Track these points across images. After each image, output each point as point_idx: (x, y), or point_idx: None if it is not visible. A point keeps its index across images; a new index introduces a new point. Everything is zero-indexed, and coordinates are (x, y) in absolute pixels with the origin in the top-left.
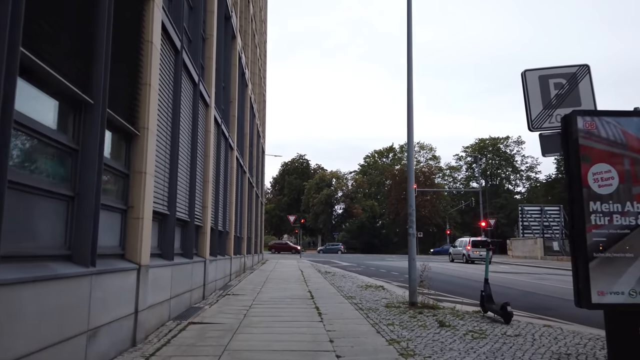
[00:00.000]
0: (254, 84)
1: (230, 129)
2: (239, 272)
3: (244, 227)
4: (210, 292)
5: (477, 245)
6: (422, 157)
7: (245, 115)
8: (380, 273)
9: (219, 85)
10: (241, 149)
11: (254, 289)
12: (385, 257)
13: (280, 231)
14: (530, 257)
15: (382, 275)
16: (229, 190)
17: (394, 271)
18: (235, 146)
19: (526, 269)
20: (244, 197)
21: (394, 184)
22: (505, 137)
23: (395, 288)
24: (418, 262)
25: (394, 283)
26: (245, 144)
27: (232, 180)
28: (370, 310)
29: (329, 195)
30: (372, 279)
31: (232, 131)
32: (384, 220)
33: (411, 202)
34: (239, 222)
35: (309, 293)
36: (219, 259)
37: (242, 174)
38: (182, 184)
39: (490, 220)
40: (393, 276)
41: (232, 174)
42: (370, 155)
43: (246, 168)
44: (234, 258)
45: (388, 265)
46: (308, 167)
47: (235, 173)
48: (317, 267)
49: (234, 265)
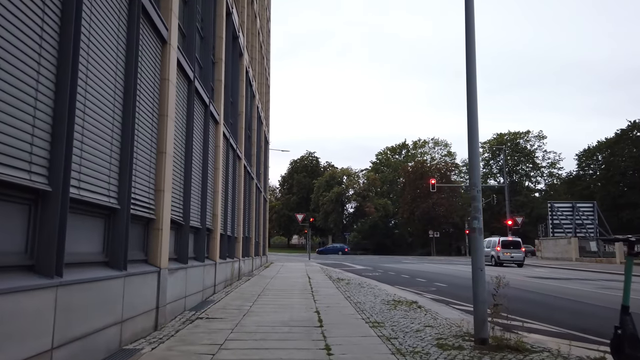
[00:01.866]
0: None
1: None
2: (231, 279)
3: (239, 225)
4: (173, 315)
5: (508, 246)
6: (436, 153)
7: (248, 108)
8: (403, 280)
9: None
10: (234, 133)
11: (240, 308)
12: (402, 259)
13: (289, 231)
14: (562, 258)
15: (407, 282)
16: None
17: (419, 277)
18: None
19: (567, 272)
20: (237, 187)
21: (408, 181)
22: (526, 131)
23: (434, 305)
24: (428, 264)
25: (427, 295)
26: (240, 125)
27: (217, 164)
28: (415, 355)
29: (340, 193)
30: (397, 289)
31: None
32: (397, 219)
33: (476, 181)
34: (231, 219)
35: (316, 314)
36: (190, 266)
37: (235, 158)
38: None
39: (517, 219)
40: (421, 284)
41: (219, 154)
42: (382, 152)
43: (240, 151)
44: (222, 263)
45: (409, 269)
46: (318, 164)
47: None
48: (327, 271)
49: (221, 273)
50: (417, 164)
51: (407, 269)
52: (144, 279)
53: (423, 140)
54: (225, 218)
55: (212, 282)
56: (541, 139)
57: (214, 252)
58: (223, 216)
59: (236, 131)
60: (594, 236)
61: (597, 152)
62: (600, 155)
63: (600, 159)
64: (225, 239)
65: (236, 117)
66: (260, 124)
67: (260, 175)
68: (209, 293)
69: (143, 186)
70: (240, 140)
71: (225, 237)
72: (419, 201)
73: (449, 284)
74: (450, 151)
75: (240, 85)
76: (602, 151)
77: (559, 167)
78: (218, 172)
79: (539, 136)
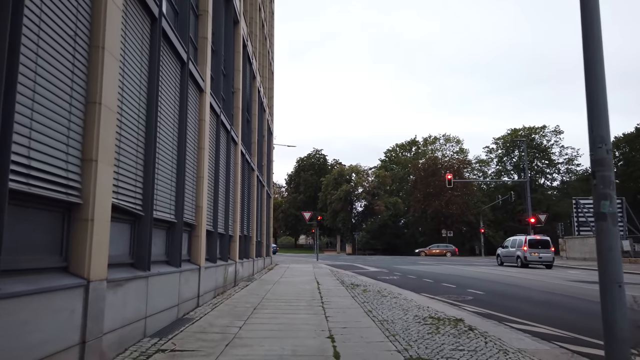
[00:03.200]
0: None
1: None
2: (224, 286)
3: (236, 221)
4: (120, 348)
5: (536, 246)
6: (448, 150)
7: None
8: (428, 285)
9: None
10: (227, 110)
11: (225, 330)
12: (417, 260)
13: (296, 231)
14: (591, 258)
15: (433, 288)
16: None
17: (445, 281)
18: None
19: None
20: (233, 177)
21: (419, 179)
22: (542, 126)
23: (486, 324)
24: (447, 265)
25: (467, 307)
26: (235, 104)
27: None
28: None
29: (348, 191)
30: (426, 298)
31: (203, 63)
32: (408, 218)
33: (604, 134)
34: (223, 214)
35: (329, 342)
36: (155, 273)
37: (229, 141)
38: None
39: (540, 216)
40: (452, 291)
41: (203, 129)
42: (392, 149)
43: (236, 134)
44: (210, 267)
45: (429, 272)
46: (325, 162)
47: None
48: (338, 274)
49: (208, 279)
50: (428, 160)
51: (426, 271)
52: (52, 300)
53: (434, 137)
54: (215, 211)
55: (195, 293)
56: (558, 134)
57: (197, 254)
58: (211, 209)
59: (230, 108)
60: (624, 234)
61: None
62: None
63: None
64: (215, 238)
65: (229, 92)
66: (262, 111)
67: (262, 168)
68: (189, 307)
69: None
70: (237, 122)
71: (214, 235)
72: (431, 199)
73: (484, 290)
74: (463, 148)
75: (236, 57)
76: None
77: (577, 164)
78: (203, 153)
79: (555, 131)
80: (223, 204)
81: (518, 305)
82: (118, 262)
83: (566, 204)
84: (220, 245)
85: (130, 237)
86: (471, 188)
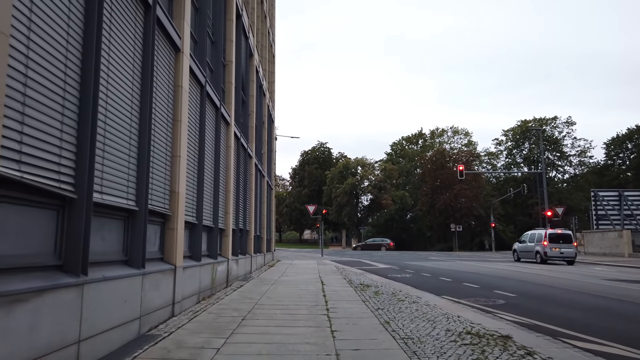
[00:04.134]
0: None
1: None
2: (211, 288)
3: (228, 213)
4: None
5: (557, 240)
6: (456, 142)
7: None
8: (447, 285)
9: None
10: (216, 84)
11: (195, 355)
12: (427, 256)
13: (300, 226)
14: (612, 254)
15: (455, 289)
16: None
17: (466, 280)
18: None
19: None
20: (225, 161)
21: (428, 171)
22: (553, 117)
23: (542, 343)
24: (462, 262)
25: (504, 315)
26: (227, 78)
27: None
28: None
29: (354, 184)
30: (450, 303)
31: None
32: (415, 212)
33: None
34: (211, 203)
35: None
36: (96, 279)
37: (219, 118)
38: None
39: (557, 209)
40: (478, 293)
41: (180, 96)
42: (398, 142)
43: (228, 113)
44: (190, 267)
45: (445, 269)
46: (330, 155)
47: (184, 93)
48: (344, 272)
49: (188, 282)
50: (436, 153)
51: (441, 268)
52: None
53: (441, 129)
54: (199, 200)
55: (167, 299)
56: (570, 125)
57: (171, 251)
58: (193, 197)
59: (220, 82)
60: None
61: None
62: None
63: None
64: (200, 232)
65: (219, 63)
66: (261, 94)
67: (262, 157)
68: (158, 318)
69: None
70: (229, 99)
71: (198, 228)
72: (439, 192)
73: (514, 292)
74: (471, 140)
75: (227, 25)
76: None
77: (590, 156)
78: (179, 126)
79: (567, 122)
80: (211, 191)
81: (565, 313)
82: (29, 264)
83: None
84: (208, 240)
85: (57, 230)
86: (481, 181)
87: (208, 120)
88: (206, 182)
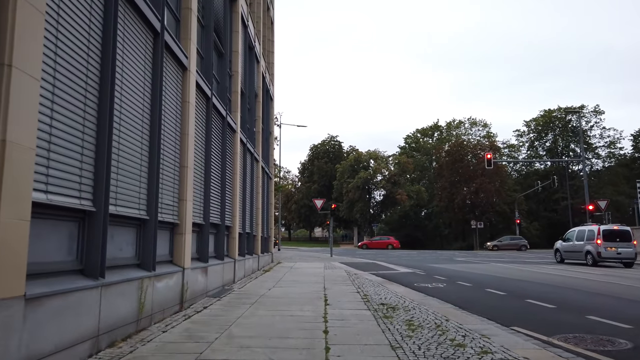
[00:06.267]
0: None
1: None
2: (136, 322)
3: (184, 199)
4: None
5: (613, 238)
6: (474, 134)
7: None
8: (504, 303)
9: None
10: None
11: None
12: (452, 256)
13: (310, 223)
14: None
15: (522, 313)
16: None
17: (523, 295)
18: None
19: None
20: (182, 119)
21: (446, 164)
22: (580, 106)
23: None
24: (498, 264)
25: None
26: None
27: None
28: None
29: (367, 178)
30: (549, 353)
31: None
32: (432, 208)
33: None
34: (172, 181)
35: None
36: None
37: (177, 68)
38: None
39: (599, 202)
40: (557, 317)
41: None
42: (412, 135)
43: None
44: (55, 296)
45: (481, 275)
46: (341, 149)
47: None
48: (358, 280)
49: (50, 326)
50: (454, 145)
51: (477, 273)
52: None
53: (458, 121)
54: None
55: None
56: (598, 114)
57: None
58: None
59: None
60: None
61: None
62: None
63: None
64: (135, 229)
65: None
66: (254, 60)
67: (256, 139)
68: None
69: None
70: (186, 40)
71: (135, 224)
72: (458, 187)
73: (624, 318)
74: (490, 132)
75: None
76: None
77: (620, 147)
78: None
79: (595, 111)
80: (172, 164)
81: None
82: None
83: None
84: (144, 239)
85: None
86: (503, 174)
87: None
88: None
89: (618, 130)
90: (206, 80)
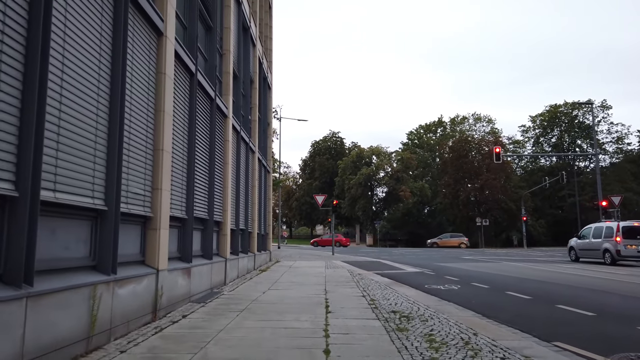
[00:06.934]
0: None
1: None
2: (87, 340)
3: (158, 188)
4: None
5: (634, 235)
6: (478, 130)
7: None
8: (532, 309)
9: None
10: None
11: None
12: (459, 255)
13: (311, 220)
14: None
15: (556, 321)
16: None
17: (553, 298)
18: None
19: None
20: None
21: (450, 160)
22: (587, 101)
23: None
24: (511, 263)
25: None
26: None
27: None
28: None
29: (369, 175)
30: None
31: None
32: (436, 205)
33: None
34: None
35: None
36: None
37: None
38: None
39: (613, 198)
40: (613, 334)
41: None
42: (415, 131)
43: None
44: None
45: (494, 274)
46: (342, 145)
47: None
48: (363, 282)
49: None
50: (459, 140)
51: (490, 273)
52: None
53: (462, 117)
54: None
55: None
56: (606, 109)
57: None
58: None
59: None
60: None
61: None
62: None
63: None
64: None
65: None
66: (250, 42)
67: (252, 128)
68: None
69: None
70: None
71: (89, 217)
72: (463, 183)
73: None
74: (495, 128)
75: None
76: None
77: (628, 142)
78: None
79: (603, 106)
80: (103, 138)
81: None
82: None
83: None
84: (101, 235)
85: None
86: (508, 170)
87: None
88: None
89: (626, 125)
90: (189, 52)
